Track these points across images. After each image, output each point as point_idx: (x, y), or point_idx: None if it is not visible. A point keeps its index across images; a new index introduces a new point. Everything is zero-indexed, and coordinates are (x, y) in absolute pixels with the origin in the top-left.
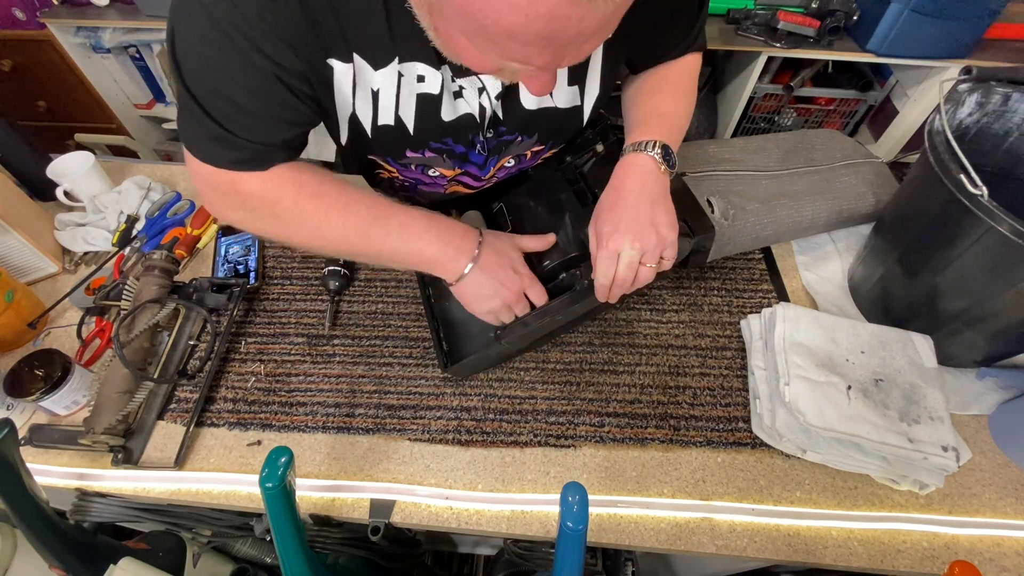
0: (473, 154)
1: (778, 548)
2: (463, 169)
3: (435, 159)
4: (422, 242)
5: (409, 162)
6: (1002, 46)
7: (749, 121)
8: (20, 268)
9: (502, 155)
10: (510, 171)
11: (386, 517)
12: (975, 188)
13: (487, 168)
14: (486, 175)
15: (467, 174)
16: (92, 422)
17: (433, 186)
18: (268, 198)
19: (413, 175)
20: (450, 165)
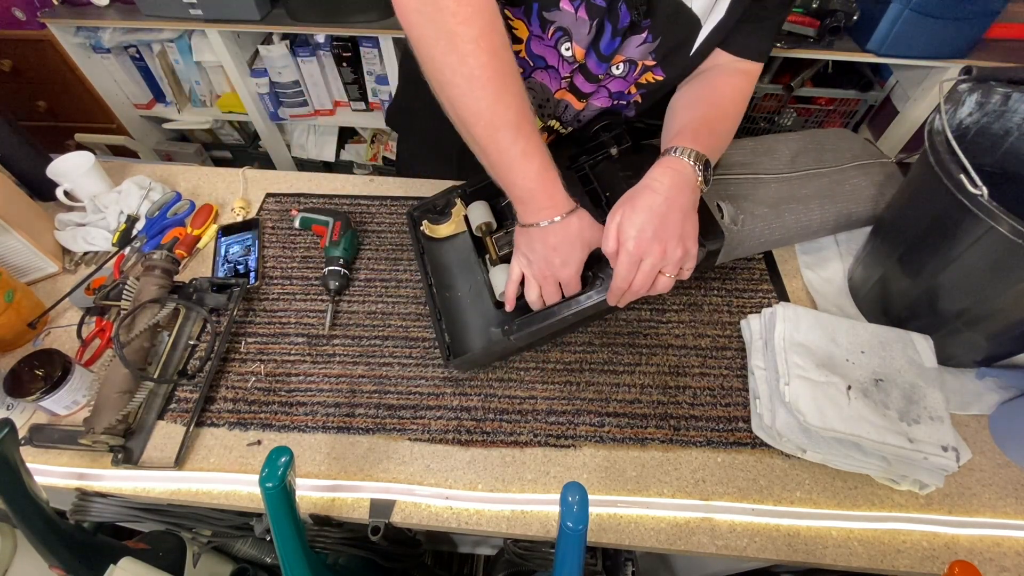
0: (607, 36)
1: (778, 548)
2: (587, 58)
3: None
4: (530, 177)
5: (554, 21)
6: (1002, 46)
7: (749, 121)
8: (20, 268)
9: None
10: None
11: (386, 517)
12: (975, 188)
13: (609, 56)
14: (603, 70)
15: (584, 70)
16: (92, 422)
17: (550, 77)
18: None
19: (541, 50)
20: (586, 41)
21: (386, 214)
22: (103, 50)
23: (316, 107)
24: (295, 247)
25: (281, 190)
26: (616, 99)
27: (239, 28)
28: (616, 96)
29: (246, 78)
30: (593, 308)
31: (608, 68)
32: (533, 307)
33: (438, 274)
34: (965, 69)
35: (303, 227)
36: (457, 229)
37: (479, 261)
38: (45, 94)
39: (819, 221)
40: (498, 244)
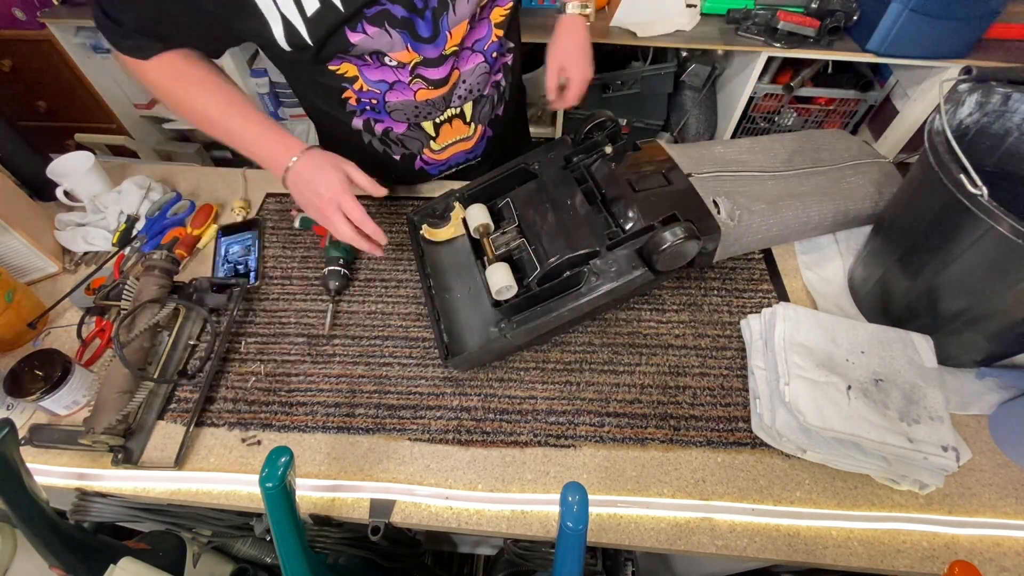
0: (418, 20)
1: (778, 548)
2: (419, 52)
3: (380, 36)
4: (253, 144)
5: (361, 51)
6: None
7: (749, 121)
8: (20, 268)
9: (451, 13)
10: (472, 48)
11: (386, 517)
12: (975, 188)
13: (440, 38)
14: (443, 47)
15: (426, 62)
16: (92, 422)
17: (402, 93)
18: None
19: (376, 75)
20: (401, 44)
21: (386, 214)
22: (103, 50)
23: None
24: (295, 247)
25: (281, 190)
26: (484, 51)
27: None
28: (480, 46)
29: (246, 78)
30: (588, 305)
31: (445, 46)
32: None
33: (437, 276)
34: (965, 69)
35: (303, 227)
36: (456, 232)
37: (477, 263)
38: (45, 94)
39: (817, 218)
40: (495, 244)
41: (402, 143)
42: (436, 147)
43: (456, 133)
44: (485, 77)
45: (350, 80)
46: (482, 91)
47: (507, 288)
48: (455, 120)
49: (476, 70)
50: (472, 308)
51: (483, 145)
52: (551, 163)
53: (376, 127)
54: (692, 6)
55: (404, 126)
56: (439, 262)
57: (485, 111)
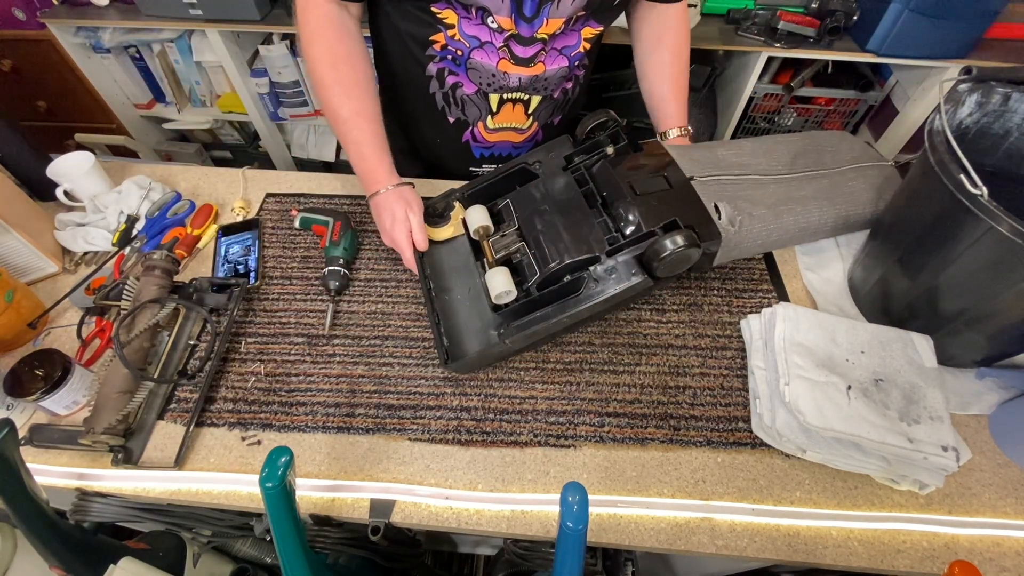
0: (527, 1)
1: (778, 548)
2: (516, 26)
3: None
4: (361, 161)
5: (471, 2)
6: (1002, 46)
7: (749, 121)
8: (20, 268)
9: (554, 5)
10: (560, 51)
11: (386, 517)
12: (975, 188)
13: (539, 19)
14: (536, 29)
15: (518, 37)
16: (92, 422)
17: (488, 56)
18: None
19: (472, 30)
20: (507, 9)
21: None
22: (103, 50)
23: (316, 107)
24: (295, 247)
25: (281, 190)
26: (570, 57)
27: (239, 28)
28: (567, 53)
29: (246, 78)
30: (588, 311)
31: (538, 30)
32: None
33: (437, 277)
34: (965, 69)
35: (303, 227)
36: (456, 232)
37: (477, 264)
38: (45, 94)
39: (817, 223)
40: (495, 247)
41: (463, 106)
42: (491, 124)
43: (514, 119)
44: (560, 80)
45: (447, 26)
46: (552, 92)
47: (506, 293)
48: (518, 105)
49: (558, 71)
50: (472, 309)
51: (529, 147)
52: (551, 163)
53: (447, 79)
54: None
55: (474, 88)
56: (439, 262)
57: (546, 111)
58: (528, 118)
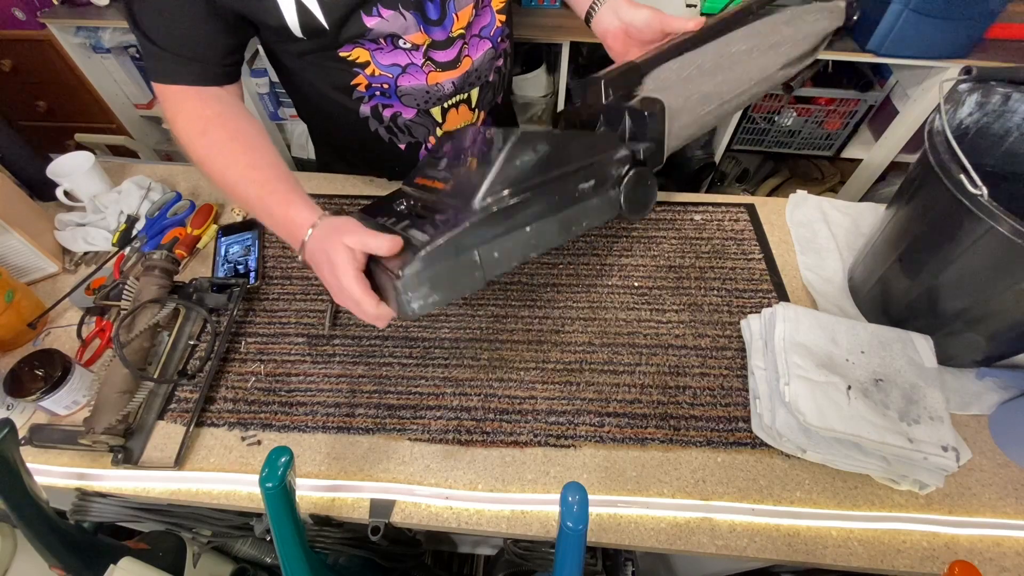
0: (428, 3)
1: (778, 548)
2: (429, 35)
3: (395, 18)
4: (269, 219)
5: (376, 35)
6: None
7: (749, 121)
8: (20, 268)
9: (460, 1)
10: (479, 35)
11: (386, 517)
12: (975, 188)
13: (447, 20)
14: (450, 29)
15: (435, 44)
16: (92, 422)
17: (414, 77)
18: (168, 116)
19: (389, 59)
20: (415, 25)
21: None
22: (103, 50)
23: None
24: None
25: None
26: (491, 37)
27: None
28: (487, 32)
29: (246, 78)
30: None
31: (452, 28)
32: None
33: None
34: (965, 69)
35: None
36: None
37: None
38: (45, 94)
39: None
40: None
41: (409, 131)
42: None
43: (462, 119)
44: (490, 63)
45: (362, 65)
46: (487, 77)
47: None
48: (462, 106)
49: (484, 56)
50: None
51: None
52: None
53: (384, 113)
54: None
55: (413, 112)
56: None
57: (488, 97)
58: (473, 112)
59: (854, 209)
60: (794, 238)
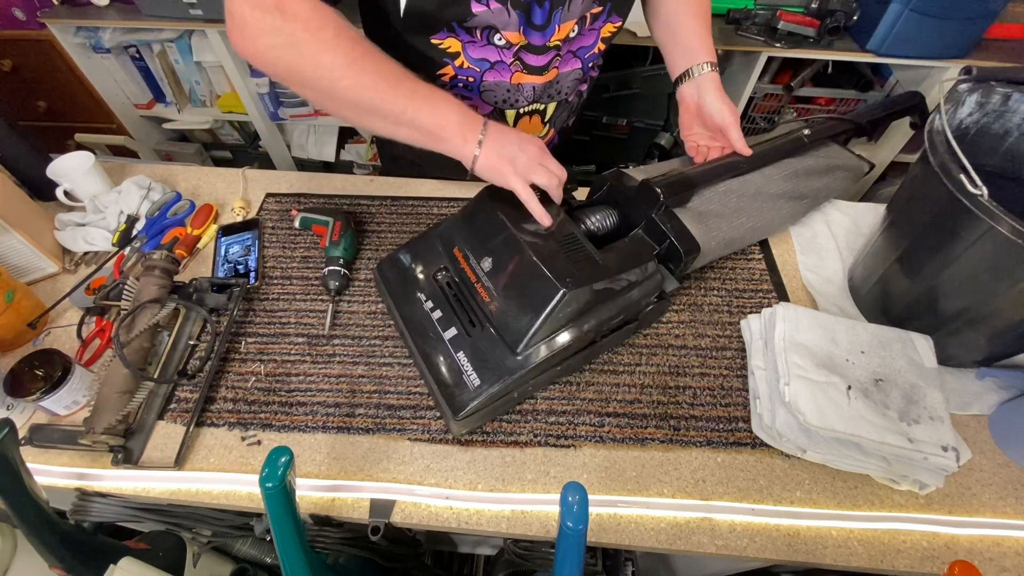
0: (535, 8)
1: (778, 548)
2: (527, 37)
3: (500, 12)
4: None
5: (475, 24)
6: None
7: (749, 121)
8: (20, 268)
9: (565, 9)
10: (575, 54)
11: (386, 517)
12: (975, 188)
13: (551, 26)
14: (550, 37)
15: (530, 47)
16: (92, 422)
17: (500, 74)
18: (312, 24)
19: (479, 53)
20: (516, 24)
21: (386, 214)
22: (103, 50)
23: (316, 107)
24: (295, 247)
25: (281, 190)
26: (584, 59)
27: None
28: (583, 53)
29: (246, 78)
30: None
31: (551, 38)
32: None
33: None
34: (965, 69)
35: (303, 227)
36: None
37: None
38: (45, 94)
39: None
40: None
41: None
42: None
43: (532, 129)
44: (575, 84)
45: (452, 56)
46: (567, 96)
47: None
48: (535, 116)
49: (571, 74)
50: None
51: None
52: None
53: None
54: None
55: (489, 108)
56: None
57: (562, 116)
58: (545, 126)
59: (854, 209)
60: (794, 238)
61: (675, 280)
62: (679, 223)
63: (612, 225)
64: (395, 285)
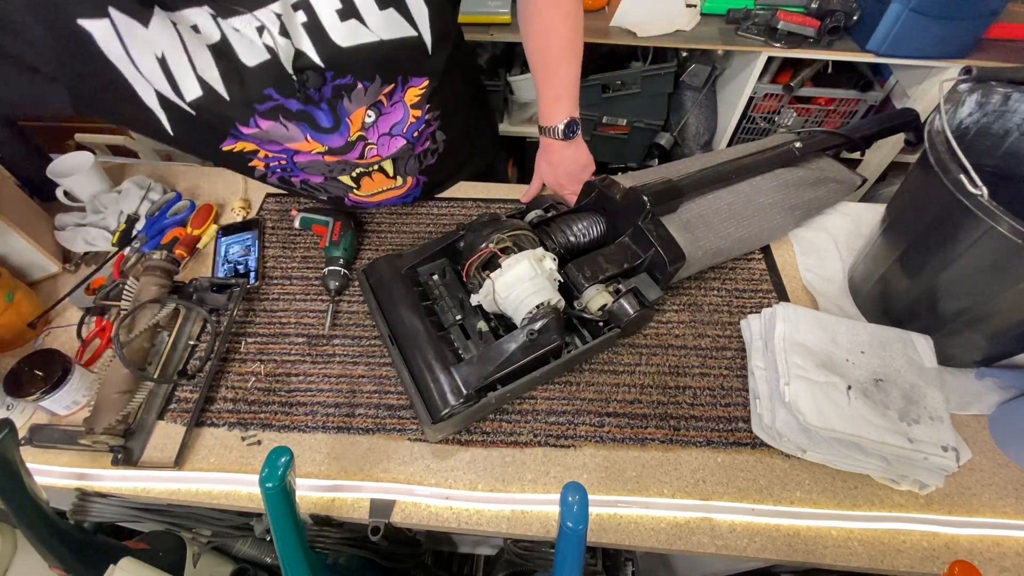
0: (316, 112)
1: (778, 548)
2: (322, 143)
3: (275, 128)
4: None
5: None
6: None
7: (749, 121)
8: (20, 268)
9: (350, 105)
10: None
11: (386, 517)
12: (975, 188)
13: (342, 127)
14: (348, 135)
15: (332, 151)
16: (92, 422)
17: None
18: None
19: (277, 148)
20: (300, 135)
21: (386, 214)
22: None
23: None
24: (295, 247)
25: (281, 190)
26: (407, 133)
27: None
28: (399, 130)
29: None
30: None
31: (349, 132)
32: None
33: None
34: (965, 69)
35: (303, 227)
36: None
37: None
38: None
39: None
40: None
41: (325, 190)
42: (362, 194)
43: (380, 184)
44: (409, 150)
45: (251, 154)
46: (406, 159)
47: None
48: (376, 174)
49: (400, 151)
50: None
51: (419, 190)
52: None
53: (293, 179)
54: (692, 6)
55: (321, 178)
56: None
57: (411, 165)
58: (395, 179)
59: (854, 209)
60: (793, 239)
61: (658, 288)
62: (665, 231)
63: (599, 233)
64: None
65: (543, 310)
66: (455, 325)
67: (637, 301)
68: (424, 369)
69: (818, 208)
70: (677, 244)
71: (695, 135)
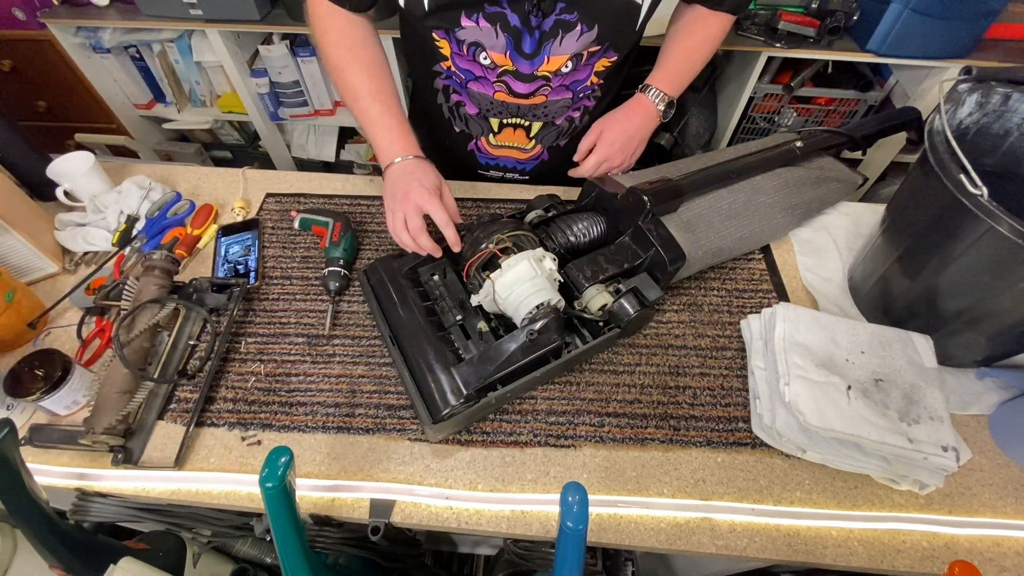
0: (526, 36)
1: (778, 548)
2: (514, 63)
3: (488, 32)
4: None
5: (464, 38)
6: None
7: (749, 121)
8: (20, 268)
9: (556, 43)
10: (562, 84)
11: (386, 517)
12: (975, 188)
13: (540, 56)
14: (537, 67)
15: (516, 74)
16: (92, 422)
17: (483, 87)
18: (319, 26)
19: (464, 64)
20: (502, 46)
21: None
22: (103, 50)
23: (316, 107)
24: (295, 247)
25: (281, 190)
26: (575, 91)
27: (239, 28)
28: (574, 87)
29: (246, 78)
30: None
31: (539, 67)
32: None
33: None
34: (965, 69)
35: (303, 228)
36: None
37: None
38: (45, 94)
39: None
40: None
41: (466, 122)
42: (494, 142)
43: (515, 140)
44: (563, 110)
45: (443, 56)
46: (554, 119)
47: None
48: (519, 129)
49: (560, 102)
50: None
51: (535, 164)
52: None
53: (452, 96)
54: None
55: (476, 110)
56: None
57: (550, 136)
58: (531, 140)
59: (854, 209)
60: (794, 239)
61: (658, 288)
62: (665, 231)
63: (598, 233)
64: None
65: (543, 310)
66: (455, 325)
67: (637, 301)
68: (425, 369)
69: (819, 207)
70: (677, 244)
71: (695, 135)
